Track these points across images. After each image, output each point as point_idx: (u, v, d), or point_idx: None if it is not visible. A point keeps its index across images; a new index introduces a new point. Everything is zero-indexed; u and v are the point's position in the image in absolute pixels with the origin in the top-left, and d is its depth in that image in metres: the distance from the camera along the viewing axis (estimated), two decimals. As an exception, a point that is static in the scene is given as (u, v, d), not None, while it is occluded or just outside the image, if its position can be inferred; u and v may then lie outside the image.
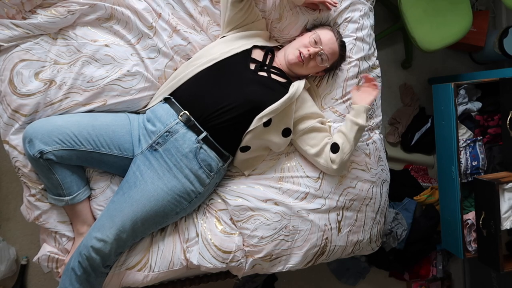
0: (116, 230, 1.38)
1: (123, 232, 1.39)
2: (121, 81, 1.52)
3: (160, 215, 1.45)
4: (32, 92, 1.45)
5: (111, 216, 1.40)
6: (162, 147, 1.47)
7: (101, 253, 1.36)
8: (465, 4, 2.25)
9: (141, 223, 1.42)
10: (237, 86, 1.50)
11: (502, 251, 1.99)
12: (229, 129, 1.49)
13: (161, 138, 1.47)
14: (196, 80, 1.52)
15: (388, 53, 2.61)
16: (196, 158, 1.47)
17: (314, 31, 1.60)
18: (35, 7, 1.48)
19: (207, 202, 1.60)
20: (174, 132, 1.47)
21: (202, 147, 1.48)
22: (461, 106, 2.19)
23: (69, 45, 1.50)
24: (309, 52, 1.53)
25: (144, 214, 1.42)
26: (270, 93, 1.52)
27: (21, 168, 1.48)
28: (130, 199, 1.42)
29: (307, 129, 1.59)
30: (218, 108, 1.47)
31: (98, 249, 1.35)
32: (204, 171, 1.49)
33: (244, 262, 1.56)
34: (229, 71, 1.52)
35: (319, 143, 1.59)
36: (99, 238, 1.36)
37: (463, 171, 2.15)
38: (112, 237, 1.37)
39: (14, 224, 2.12)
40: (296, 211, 1.59)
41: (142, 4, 1.56)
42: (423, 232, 2.40)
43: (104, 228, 1.38)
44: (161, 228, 1.55)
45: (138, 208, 1.41)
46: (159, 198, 1.43)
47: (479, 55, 2.67)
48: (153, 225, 1.48)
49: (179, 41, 1.60)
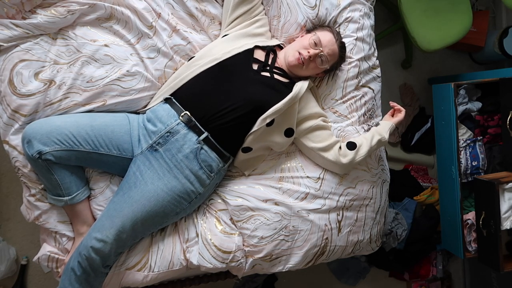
0: (116, 230, 1.38)
1: (123, 233, 1.39)
2: (121, 81, 1.52)
3: (160, 215, 1.45)
4: (32, 92, 1.45)
5: (110, 217, 1.40)
6: (162, 147, 1.47)
7: (101, 254, 1.36)
8: (465, 4, 2.24)
9: (141, 223, 1.42)
10: (240, 86, 1.50)
11: (502, 251, 1.98)
12: (231, 129, 1.49)
13: (162, 139, 1.47)
14: (198, 81, 1.52)
15: (388, 53, 2.61)
16: (197, 159, 1.47)
17: (314, 32, 1.60)
18: (35, 7, 1.48)
19: (207, 202, 1.60)
20: (175, 132, 1.47)
21: (203, 147, 1.48)
22: (461, 106, 2.19)
23: (69, 45, 1.49)
24: (309, 54, 1.53)
25: (144, 215, 1.42)
26: (274, 93, 1.52)
27: (21, 168, 1.48)
28: (130, 199, 1.42)
29: (311, 127, 1.58)
30: (221, 108, 1.47)
31: (98, 249, 1.35)
32: (204, 171, 1.48)
33: (244, 262, 1.56)
34: (232, 71, 1.51)
35: (326, 139, 1.59)
36: (98, 239, 1.36)
37: (463, 171, 2.15)
38: (112, 237, 1.37)
39: (14, 224, 2.12)
40: (296, 211, 1.59)
41: (141, 4, 1.56)
42: (423, 232, 2.40)
43: (104, 228, 1.38)
44: (161, 228, 1.55)
45: (138, 208, 1.41)
46: (159, 199, 1.43)
47: (479, 55, 2.67)
48: (153, 226, 1.48)
49: (179, 41, 1.60)
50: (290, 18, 1.66)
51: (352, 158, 1.57)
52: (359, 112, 1.70)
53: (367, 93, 1.72)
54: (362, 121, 1.71)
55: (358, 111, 1.70)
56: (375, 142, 1.61)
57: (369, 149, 1.60)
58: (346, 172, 1.64)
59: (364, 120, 1.71)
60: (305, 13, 1.66)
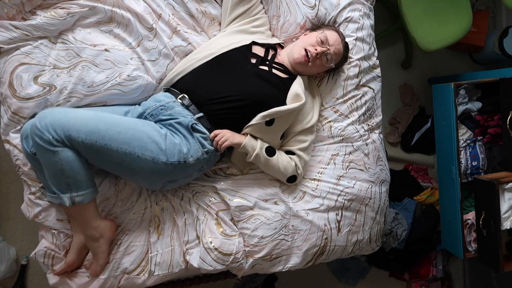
0: (67, 131, 1.27)
1: (73, 139, 1.28)
2: (122, 85, 1.52)
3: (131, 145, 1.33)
4: (31, 96, 1.45)
5: (74, 118, 1.30)
6: (155, 119, 1.45)
7: (40, 138, 1.27)
8: (465, 4, 2.24)
9: (98, 148, 1.30)
10: (237, 79, 1.50)
11: (502, 251, 1.98)
12: (226, 117, 1.48)
13: (155, 111, 1.45)
14: (195, 74, 1.52)
15: (388, 53, 2.61)
16: (189, 131, 1.43)
17: (321, 30, 1.60)
18: (35, 8, 1.48)
19: (207, 203, 1.60)
20: (169, 107, 1.45)
21: (197, 124, 1.46)
22: (461, 106, 2.19)
23: (69, 50, 1.50)
24: (317, 51, 1.53)
25: (107, 139, 1.30)
26: (271, 87, 1.52)
27: (21, 167, 1.49)
28: (105, 119, 1.33)
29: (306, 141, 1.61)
30: (217, 96, 1.47)
31: (37, 134, 1.27)
32: (196, 142, 1.44)
33: (244, 262, 1.56)
34: (229, 65, 1.52)
35: None
36: (44, 125, 1.26)
37: (463, 171, 2.15)
38: (59, 133, 1.27)
39: (14, 224, 2.12)
40: (295, 210, 1.59)
41: (141, 6, 1.56)
42: (423, 232, 2.39)
43: (60, 122, 1.27)
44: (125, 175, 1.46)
45: (104, 126, 1.31)
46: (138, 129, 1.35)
47: (479, 55, 2.67)
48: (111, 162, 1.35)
49: (179, 42, 1.60)
50: (289, 18, 1.66)
51: None
52: (359, 112, 1.71)
53: (367, 92, 1.72)
54: (362, 121, 1.71)
55: (358, 111, 1.70)
56: None
57: None
58: None
59: (364, 120, 1.72)
60: (305, 13, 1.66)
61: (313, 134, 1.63)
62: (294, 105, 1.51)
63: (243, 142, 1.48)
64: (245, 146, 1.49)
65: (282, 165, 1.55)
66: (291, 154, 1.60)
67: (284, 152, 1.60)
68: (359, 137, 1.70)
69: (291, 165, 1.56)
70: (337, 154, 1.68)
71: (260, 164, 1.54)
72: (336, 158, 1.68)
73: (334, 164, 1.67)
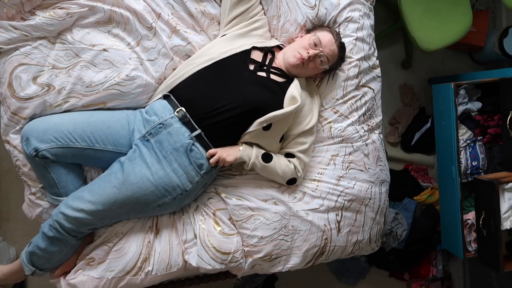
0: (92, 205, 1.41)
1: (99, 210, 1.42)
2: (120, 85, 1.52)
3: (141, 203, 1.46)
4: (30, 96, 1.46)
5: (92, 191, 1.44)
6: (154, 138, 1.48)
7: (72, 222, 1.40)
8: (465, 4, 2.24)
9: (120, 205, 1.44)
10: (235, 86, 1.50)
11: (502, 251, 1.98)
12: (225, 128, 1.49)
13: (154, 129, 1.48)
14: (194, 79, 1.52)
15: (388, 53, 2.61)
16: (187, 154, 1.47)
17: (313, 32, 1.60)
18: (34, 8, 1.48)
19: (205, 202, 1.60)
20: (167, 125, 1.47)
21: (194, 144, 1.48)
22: (461, 106, 2.19)
23: (68, 50, 1.50)
24: (309, 54, 1.53)
25: (124, 198, 1.43)
26: (268, 93, 1.52)
27: (21, 167, 1.49)
28: (115, 180, 1.44)
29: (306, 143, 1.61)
30: (216, 107, 1.47)
31: (70, 217, 1.40)
32: (193, 168, 1.48)
33: (243, 262, 1.56)
34: (228, 71, 1.52)
35: None
36: (74, 207, 1.40)
37: (463, 171, 2.15)
38: (87, 210, 1.40)
39: (14, 224, 2.12)
40: (295, 210, 1.59)
41: (141, 5, 1.56)
42: (423, 232, 2.40)
43: (82, 199, 1.42)
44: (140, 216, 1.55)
45: (120, 191, 1.43)
46: (142, 187, 1.44)
47: (479, 55, 2.67)
48: (132, 211, 1.49)
49: (179, 42, 1.60)
50: (289, 18, 1.66)
51: None
52: (359, 112, 1.70)
53: (367, 93, 1.72)
54: (362, 121, 1.71)
55: (358, 111, 1.70)
56: None
57: None
58: None
59: (364, 120, 1.72)
60: (305, 13, 1.66)
61: (313, 136, 1.62)
62: (290, 108, 1.51)
63: (238, 155, 1.51)
64: (241, 157, 1.51)
65: (281, 169, 1.55)
66: (291, 156, 1.60)
67: (284, 154, 1.60)
68: (359, 138, 1.70)
69: (290, 169, 1.57)
70: (337, 154, 1.68)
71: (258, 170, 1.57)
72: (336, 159, 1.67)
73: (334, 165, 1.67)
